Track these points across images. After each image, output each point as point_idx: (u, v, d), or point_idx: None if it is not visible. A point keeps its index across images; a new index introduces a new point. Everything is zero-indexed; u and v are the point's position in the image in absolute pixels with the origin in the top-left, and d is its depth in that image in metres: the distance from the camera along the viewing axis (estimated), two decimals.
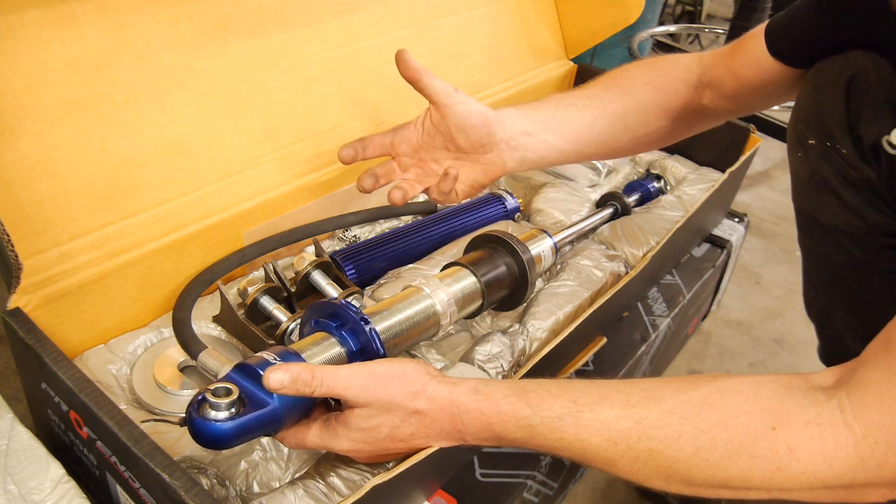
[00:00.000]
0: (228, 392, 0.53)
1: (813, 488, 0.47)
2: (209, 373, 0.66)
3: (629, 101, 0.81)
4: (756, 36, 0.76)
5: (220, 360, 0.66)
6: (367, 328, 0.62)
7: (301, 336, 0.67)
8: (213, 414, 0.52)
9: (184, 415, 0.54)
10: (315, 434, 0.58)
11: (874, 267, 0.69)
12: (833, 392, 0.49)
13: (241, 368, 0.57)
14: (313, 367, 0.55)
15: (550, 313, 0.83)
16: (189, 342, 0.69)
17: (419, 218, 0.99)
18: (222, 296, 0.77)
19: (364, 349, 0.63)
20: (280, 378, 0.53)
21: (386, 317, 0.67)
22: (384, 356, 0.63)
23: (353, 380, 0.55)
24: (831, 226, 0.70)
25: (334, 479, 0.61)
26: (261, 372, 0.55)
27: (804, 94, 0.71)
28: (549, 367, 0.79)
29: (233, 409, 0.53)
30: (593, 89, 0.82)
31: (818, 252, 0.75)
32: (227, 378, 0.56)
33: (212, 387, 0.53)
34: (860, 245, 0.69)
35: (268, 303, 0.77)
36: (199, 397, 0.53)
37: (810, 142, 0.69)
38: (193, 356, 0.68)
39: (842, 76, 0.66)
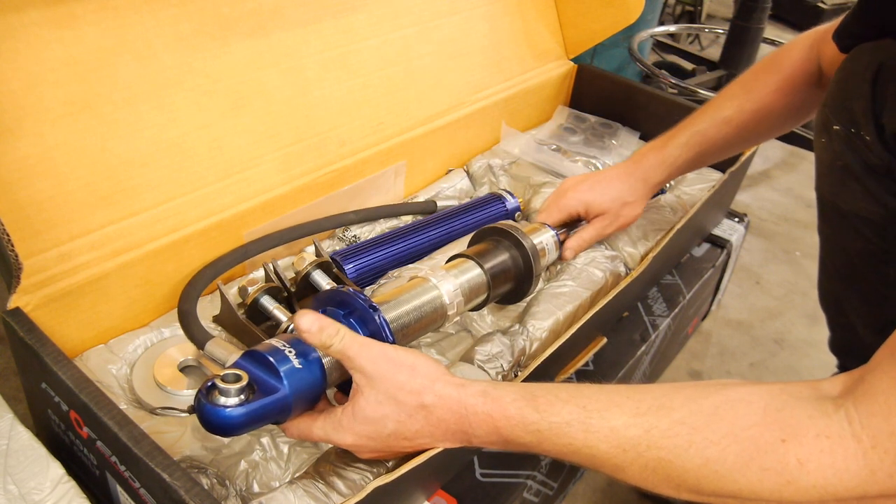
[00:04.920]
0: (238, 378, 0.53)
1: (823, 501, 0.47)
2: (217, 362, 0.65)
3: (764, 123, 0.87)
4: (835, 24, 0.76)
5: (227, 348, 0.65)
6: (376, 316, 0.62)
7: None
8: (222, 400, 0.52)
9: (193, 403, 0.54)
10: (320, 426, 0.58)
11: (891, 255, 0.69)
12: (841, 402, 0.48)
13: (250, 355, 0.56)
14: (338, 323, 0.56)
15: (550, 313, 0.83)
16: (196, 332, 0.69)
17: (419, 218, 0.99)
18: (222, 296, 0.77)
19: (373, 338, 0.63)
20: (310, 321, 0.55)
21: (394, 306, 0.66)
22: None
23: (366, 348, 0.56)
24: (851, 212, 0.70)
25: (334, 480, 0.61)
26: (270, 359, 0.54)
27: (834, 80, 0.71)
28: (549, 367, 0.79)
29: (242, 396, 0.52)
30: (742, 130, 0.87)
31: (836, 240, 0.75)
32: (236, 365, 0.56)
33: (221, 373, 0.53)
34: (879, 232, 0.69)
35: (268, 303, 0.77)
36: (209, 384, 0.52)
37: (835, 128, 0.69)
38: (200, 346, 0.67)
39: (871, 64, 0.65)
